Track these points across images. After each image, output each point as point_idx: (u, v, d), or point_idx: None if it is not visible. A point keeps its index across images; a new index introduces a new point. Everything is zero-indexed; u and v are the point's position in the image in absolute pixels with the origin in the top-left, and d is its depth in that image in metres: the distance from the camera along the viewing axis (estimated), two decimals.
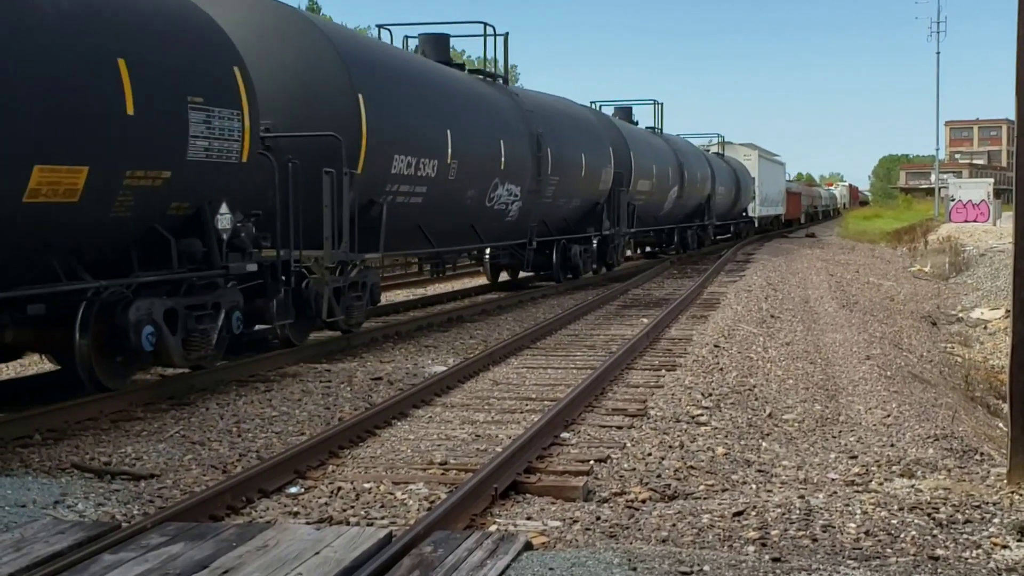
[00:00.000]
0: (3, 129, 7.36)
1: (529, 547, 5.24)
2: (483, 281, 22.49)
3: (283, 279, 11.09)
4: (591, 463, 7.39)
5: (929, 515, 6.09)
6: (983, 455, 7.75)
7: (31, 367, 11.80)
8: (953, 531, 5.84)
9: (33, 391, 9.61)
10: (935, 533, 5.79)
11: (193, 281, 9.58)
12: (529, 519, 6.27)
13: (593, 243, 23.42)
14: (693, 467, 7.39)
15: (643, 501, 6.61)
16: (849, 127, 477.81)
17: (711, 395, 9.84)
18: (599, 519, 6.15)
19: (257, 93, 10.31)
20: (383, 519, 6.24)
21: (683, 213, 34.30)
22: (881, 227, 58.63)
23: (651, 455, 7.68)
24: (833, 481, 7.11)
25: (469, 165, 16.04)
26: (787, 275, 24.52)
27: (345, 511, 6.40)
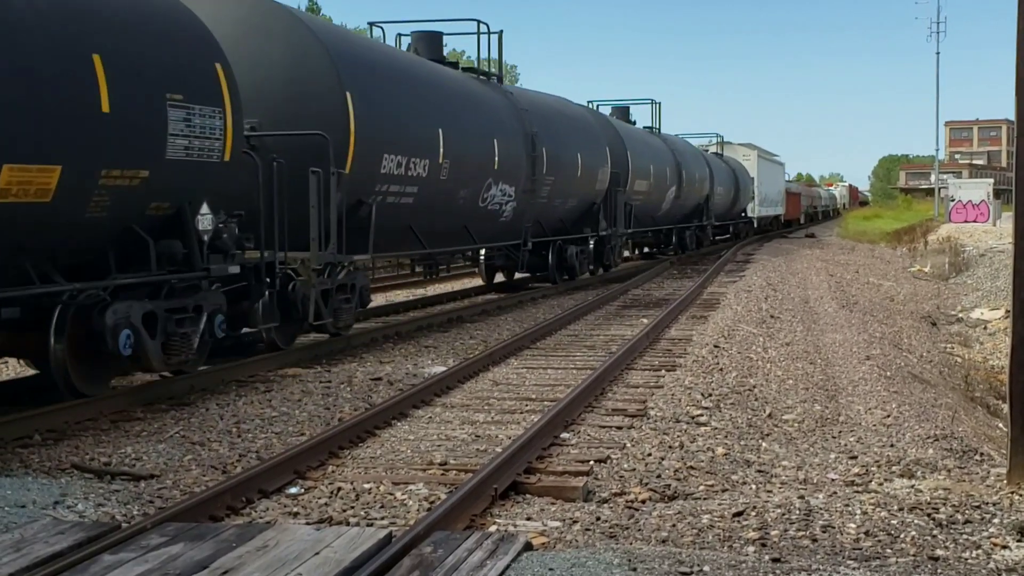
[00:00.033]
0: None
1: (529, 547, 5.24)
2: (481, 282, 22.43)
3: (268, 281, 10.86)
4: (591, 463, 7.39)
5: (929, 515, 6.10)
6: (983, 455, 7.75)
7: (31, 367, 11.77)
8: (953, 531, 5.84)
9: (33, 391, 9.60)
10: (935, 533, 5.79)
11: (174, 284, 9.35)
12: (529, 519, 6.27)
13: (590, 244, 23.24)
14: (693, 467, 7.39)
15: (643, 501, 6.61)
16: (849, 127, 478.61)
17: (711, 395, 9.85)
18: (599, 519, 6.15)
19: (242, 91, 10.10)
20: (383, 519, 6.25)
21: (681, 213, 34.19)
22: (881, 227, 58.64)
23: (651, 455, 7.68)
24: (833, 481, 7.11)
25: (462, 165, 15.80)
26: (787, 275, 24.53)
27: (345, 511, 6.40)
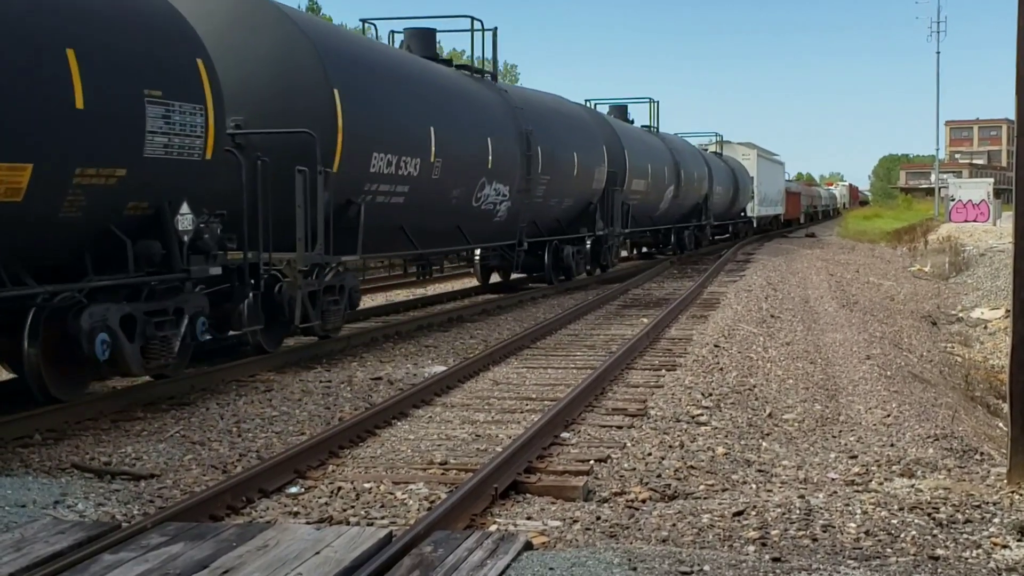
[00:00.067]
0: None
1: (529, 547, 5.24)
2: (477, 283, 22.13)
3: (252, 283, 10.64)
4: (591, 463, 7.39)
5: (929, 515, 6.10)
6: (983, 455, 7.75)
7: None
8: (953, 531, 5.85)
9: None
10: (935, 533, 5.79)
11: (154, 286, 9.09)
12: (529, 519, 6.27)
13: (587, 244, 22.94)
14: (693, 467, 7.39)
15: (643, 501, 6.61)
16: (849, 127, 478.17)
17: (711, 395, 9.85)
18: (599, 519, 6.15)
19: (226, 87, 9.88)
20: (383, 519, 6.25)
21: (680, 213, 34.03)
22: (881, 227, 58.68)
23: (651, 455, 7.68)
24: (833, 481, 7.11)
25: (454, 164, 15.50)
26: (787, 275, 24.52)
27: (345, 511, 6.40)
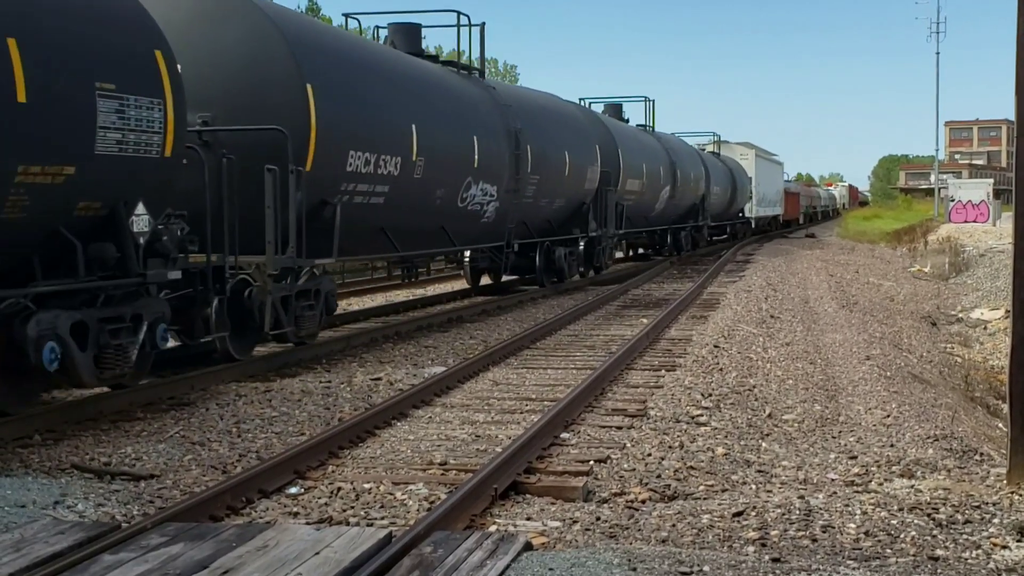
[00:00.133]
0: None
1: (529, 547, 5.24)
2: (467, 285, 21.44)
3: (217, 287, 10.15)
4: (591, 463, 7.39)
5: (929, 515, 6.10)
6: (983, 455, 7.75)
7: None
8: (953, 531, 5.85)
9: None
10: (935, 533, 5.79)
11: (109, 291, 8.58)
12: (529, 519, 6.27)
13: (579, 245, 22.52)
14: (693, 467, 7.39)
15: (643, 501, 6.61)
16: (849, 127, 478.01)
17: (711, 395, 9.85)
18: (599, 519, 6.15)
19: (194, 82, 9.42)
20: (383, 519, 6.25)
21: (676, 214, 33.77)
22: (881, 227, 58.68)
23: (651, 455, 7.68)
24: (833, 481, 7.11)
25: (437, 162, 14.91)
26: (787, 275, 24.52)
27: (345, 511, 6.40)
